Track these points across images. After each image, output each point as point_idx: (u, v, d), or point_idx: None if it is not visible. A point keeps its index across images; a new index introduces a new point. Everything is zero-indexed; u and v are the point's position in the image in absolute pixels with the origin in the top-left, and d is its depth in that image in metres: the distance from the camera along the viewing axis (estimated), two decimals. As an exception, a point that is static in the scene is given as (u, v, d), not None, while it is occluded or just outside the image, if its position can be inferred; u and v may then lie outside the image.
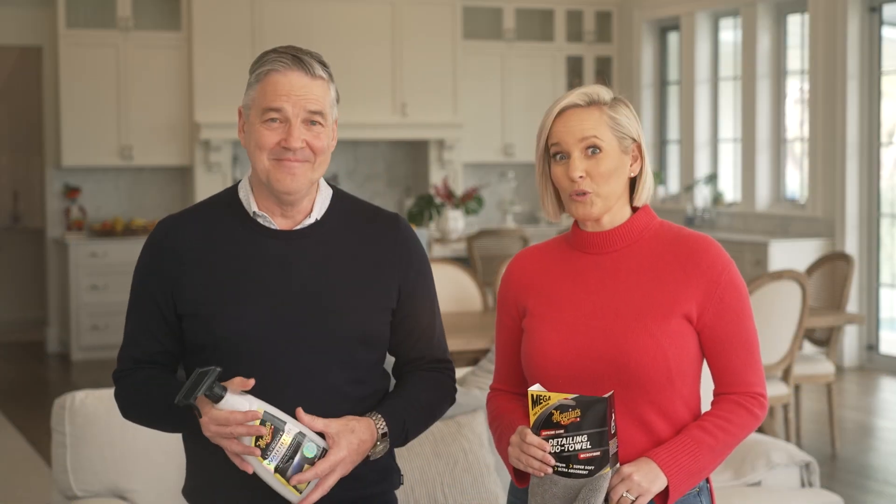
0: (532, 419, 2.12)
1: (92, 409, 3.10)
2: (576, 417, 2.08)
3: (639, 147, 2.26)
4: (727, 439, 2.20)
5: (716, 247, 2.24)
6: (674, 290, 2.20)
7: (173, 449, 3.00)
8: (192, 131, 9.53)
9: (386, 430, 2.23)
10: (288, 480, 2.10)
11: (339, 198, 2.32)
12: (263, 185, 2.24)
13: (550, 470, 2.11)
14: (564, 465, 2.10)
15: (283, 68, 2.19)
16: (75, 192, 9.55)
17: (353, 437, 2.17)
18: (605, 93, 2.24)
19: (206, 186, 9.47)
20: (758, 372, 2.23)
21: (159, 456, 3.09)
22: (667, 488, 2.15)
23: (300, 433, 2.12)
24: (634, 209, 2.28)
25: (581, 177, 2.19)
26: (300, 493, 2.11)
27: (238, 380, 2.12)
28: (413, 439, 2.34)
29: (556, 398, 2.10)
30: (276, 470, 2.09)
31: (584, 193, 2.20)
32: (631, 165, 2.25)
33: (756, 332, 2.24)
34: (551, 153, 2.24)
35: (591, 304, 2.23)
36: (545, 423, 2.10)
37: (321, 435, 2.16)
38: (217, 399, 2.07)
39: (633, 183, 2.27)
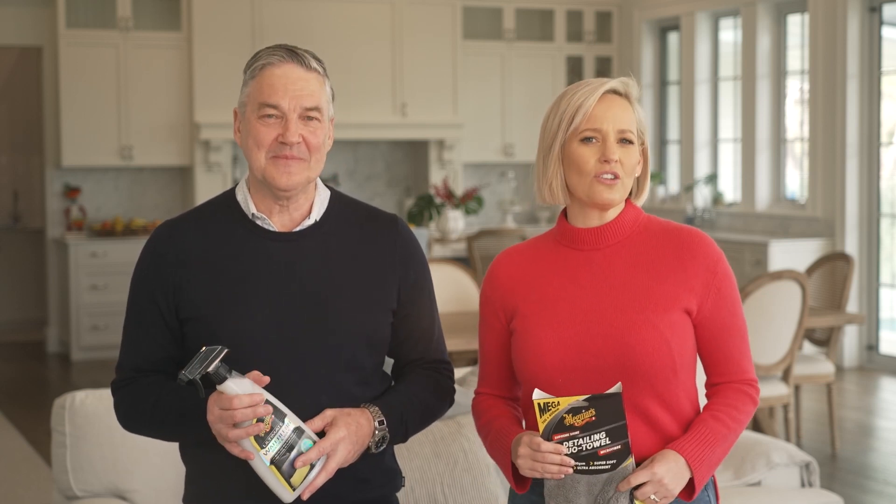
0: (541, 427, 2.08)
1: (92, 409, 3.10)
2: (591, 417, 2.06)
3: (645, 149, 2.27)
4: (737, 427, 2.22)
5: (707, 238, 2.26)
6: (673, 284, 2.20)
7: (173, 449, 2.99)
8: (192, 131, 9.53)
9: (382, 418, 2.22)
10: (283, 473, 2.08)
11: (336, 199, 2.32)
12: (261, 185, 2.23)
13: (571, 471, 2.08)
14: (585, 463, 2.08)
15: (278, 61, 2.19)
16: (75, 192, 9.55)
17: (350, 419, 2.16)
18: (635, 89, 2.25)
19: (206, 186, 9.47)
20: (750, 358, 2.28)
21: (159, 456, 3.09)
22: (691, 481, 2.15)
23: (299, 428, 2.11)
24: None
25: (617, 160, 2.19)
26: (293, 489, 2.10)
27: (255, 373, 2.11)
28: (414, 434, 2.33)
29: (566, 402, 2.07)
30: (272, 462, 2.08)
31: (616, 177, 2.19)
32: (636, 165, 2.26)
33: (745, 320, 2.28)
34: (580, 134, 2.20)
35: (588, 301, 2.21)
36: (557, 428, 2.07)
37: (319, 436, 2.14)
38: (220, 380, 2.06)
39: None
